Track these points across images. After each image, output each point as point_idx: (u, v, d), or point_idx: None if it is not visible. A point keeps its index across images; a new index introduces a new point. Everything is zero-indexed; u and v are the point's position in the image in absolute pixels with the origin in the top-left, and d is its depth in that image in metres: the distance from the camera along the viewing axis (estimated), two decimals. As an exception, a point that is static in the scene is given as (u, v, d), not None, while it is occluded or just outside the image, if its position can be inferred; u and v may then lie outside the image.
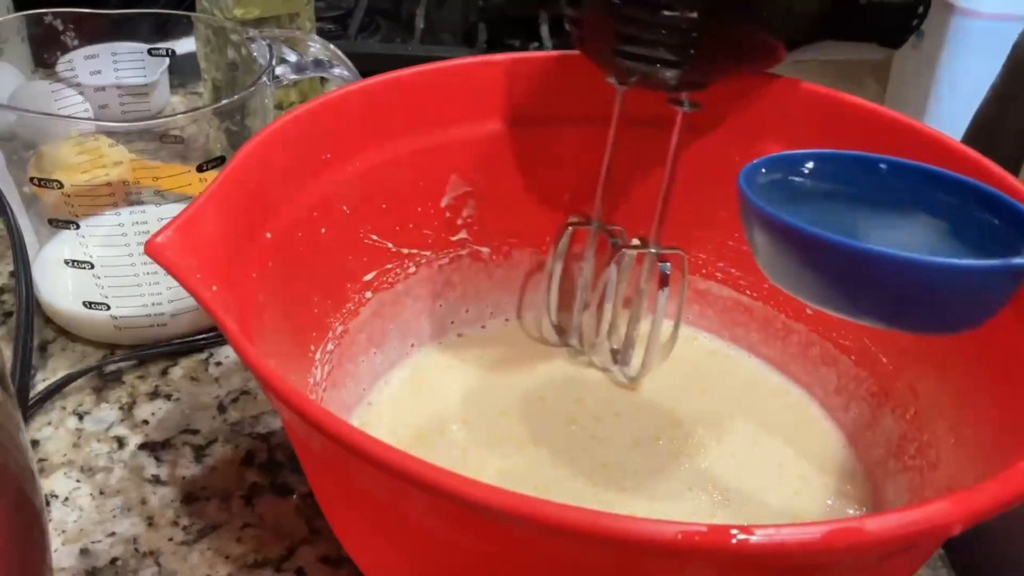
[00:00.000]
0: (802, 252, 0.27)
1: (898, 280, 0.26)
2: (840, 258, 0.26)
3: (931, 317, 0.27)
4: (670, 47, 0.37)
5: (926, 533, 0.23)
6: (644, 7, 0.36)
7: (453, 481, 0.23)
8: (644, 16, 0.36)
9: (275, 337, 0.37)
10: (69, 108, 0.55)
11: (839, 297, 0.27)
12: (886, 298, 0.27)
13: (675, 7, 0.35)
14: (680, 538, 0.22)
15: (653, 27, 0.36)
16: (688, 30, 0.36)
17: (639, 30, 0.37)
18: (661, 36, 0.36)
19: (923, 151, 0.39)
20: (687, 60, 0.37)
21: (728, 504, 0.40)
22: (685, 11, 0.35)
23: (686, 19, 0.35)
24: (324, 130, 0.41)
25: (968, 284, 0.26)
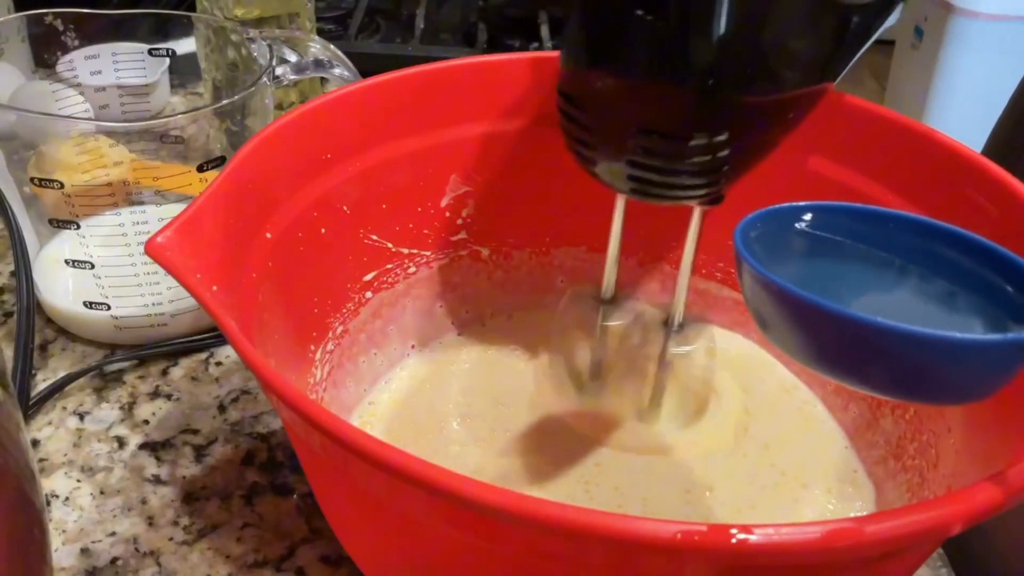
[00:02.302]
0: (798, 318, 0.26)
1: (900, 352, 0.24)
2: (838, 327, 0.25)
3: (934, 388, 0.25)
4: (696, 175, 0.32)
5: (926, 533, 0.23)
6: (665, 140, 0.31)
7: (453, 481, 0.23)
8: (666, 149, 0.31)
9: (275, 337, 0.37)
10: (69, 108, 0.55)
11: (838, 366, 0.26)
12: (888, 369, 0.25)
13: (700, 133, 0.31)
14: (679, 537, 0.22)
15: (677, 159, 0.32)
16: (718, 154, 0.31)
17: (662, 162, 0.32)
18: (686, 166, 0.32)
19: (922, 151, 0.40)
20: (717, 184, 0.33)
21: (729, 503, 0.40)
22: (713, 135, 0.31)
23: (715, 144, 0.31)
24: (324, 130, 0.41)
25: (971, 357, 0.24)
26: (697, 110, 0.31)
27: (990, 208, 0.37)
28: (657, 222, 0.48)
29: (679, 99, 0.31)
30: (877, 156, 0.41)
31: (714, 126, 0.31)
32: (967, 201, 0.37)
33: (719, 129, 0.31)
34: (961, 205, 0.38)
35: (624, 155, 0.32)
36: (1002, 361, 0.24)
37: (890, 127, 0.41)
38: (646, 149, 0.32)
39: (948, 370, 0.24)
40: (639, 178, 0.33)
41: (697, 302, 0.49)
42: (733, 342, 0.49)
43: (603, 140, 0.33)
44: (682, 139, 0.31)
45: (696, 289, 0.49)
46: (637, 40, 0.30)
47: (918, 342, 0.23)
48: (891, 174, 0.41)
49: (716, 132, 0.31)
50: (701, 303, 0.49)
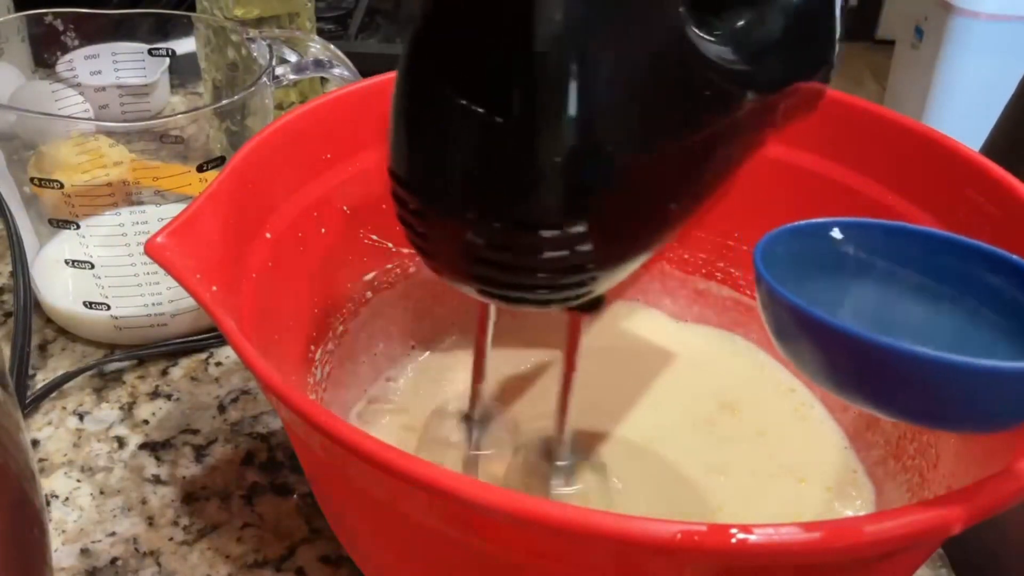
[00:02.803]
0: (817, 339, 0.25)
1: (925, 378, 0.23)
2: (858, 351, 0.24)
3: (960, 417, 0.24)
4: (554, 273, 0.27)
5: (925, 533, 0.23)
6: (510, 232, 0.25)
7: (452, 481, 0.23)
8: (513, 243, 0.26)
9: (275, 337, 0.37)
10: (69, 108, 0.55)
11: (859, 391, 0.25)
12: (913, 396, 0.24)
13: (552, 223, 0.25)
14: (680, 537, 0.22)
15: (527, 254, 0.26)
16: (576, 248, 0.26)
17: (509, 258, 0.26)
18: (539, 262, 0.26)
19: (922, 151, 0.40)
20: (583, 285, 0.28)
21: (729, 503, 0.40)
22: (568, 225, 0.25)
23: (571, 235, 0.25)
24: (324, 130, 0.41)
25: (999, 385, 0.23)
26: (544, 199, 0.25)
27: (990, 208, 0.37)
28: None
29: (522, 186, 0.25)
30: (877, 156, 0.41)
31: (567, 216, 0.26)
32: (967, 201, 0.37)
33: (573, 219, 0.26)
34: (961, 205, 0.38)
35: (464, 249, 0.27)
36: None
37: (890, 127, 0.41)
38: (489, 243, 0.26)
39: (974, 397, 0.23)
40: (482, 277, 0.27)
41: (697, 301, 0.49)
42: (733, 343, 0.49)
43: (438, 232, 0.27)
44: (531, 230, 0.26)
45: (696, 289, 0.49)
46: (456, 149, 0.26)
47: (944, 369, 0.22)
48: (891, 174, 0.41)
49: (570, 223, 0.26)
50: (701, 303, 0.49)
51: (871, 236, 0.28)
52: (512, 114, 0.24)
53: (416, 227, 0.28)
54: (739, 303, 0.48)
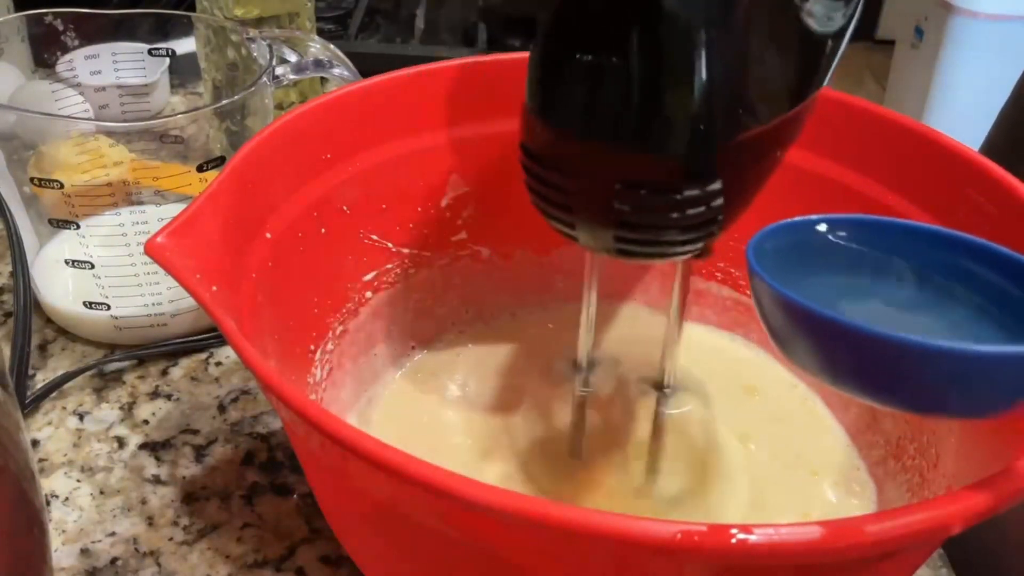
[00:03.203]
0: (814, 333, 0.25)
1: (922, 367, 0.23)
2: (855, 342, 0.24)
3: (956, 404, 0.24)
4: (689, 228, 0.29)
5: (925, 533, 0.23)
6: (654, 195, 0.28)
7: (452, 481, 0.23)
8: (656, 205, 0.28)
9: (275, 337, 0.37)
10: (69, 108, 0.55)
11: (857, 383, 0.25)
12: (911, 386, 0.24)
13: (692, 183, 0.28)
14: (680, 537, 0.22)
15: (668, 214, 0.29)
16: (712, 203, 0.29)
17: (652, 219, 0.29)
18: (678, 220, 0.29)
19: (922, 151, 0.40)
20: (711, 235, 0.30)
21: (728, 503, 0.40)
22: (705, 184, 0.28)
23: (709, 193, 0.28)
24: (324, 130, 0.41)
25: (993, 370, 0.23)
26: (688, 161, 0.28)
27: (990, 208, 0.37)
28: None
29: (667, 153, 0.28)
30: (877, 156, 0.41)
31: (707, 175, 0.28)
32: (967, 201, 0.37)
33: (712, 177, 0.28)
34: (961, 205, 0.38)
35: (607, 215, 0.29)
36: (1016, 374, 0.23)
37: (890, 127, 0.41)
38: (633, 206, 0.28)
39: (962, 383, 0.23)
40: (626, 238, 0.30)
41: (697, 302, 0.49)
42: (733, 343, 0.49)
43: (583, 201, 0.30)
44: (673, 192, 0.28)
45: (696, 289, 0.49)
46: (615, 94, 0.27)
47: (940, 356, 0.23)
48: (891, 174, 0.41)
49: (709, 181, 0.28)
50: (701, 303, 0.49)
51: (860, 231, 0.29)
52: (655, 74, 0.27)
53: (552, 198, 0.30)
54: (739, 303, 0.48)
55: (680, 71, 0.27)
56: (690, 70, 0.27)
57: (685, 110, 0.27)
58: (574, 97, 0.28)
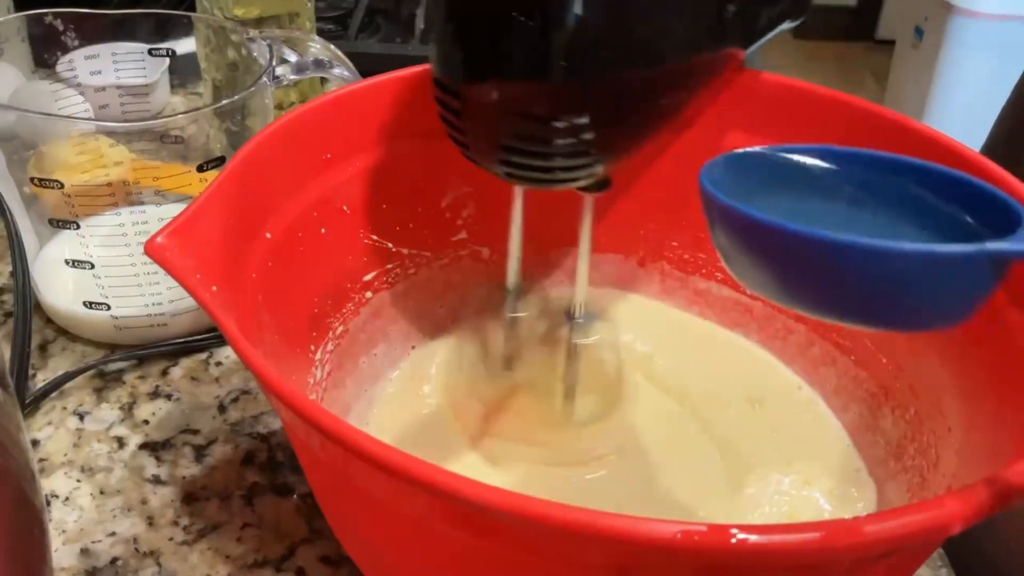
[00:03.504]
0: (760, 243, 0.26)
1: (864, 270, 0.24)
2: (800, 248, 0.25)
3: (901, 312, 0.25)
4: (565, 156, 0.32)
5: (924, 533, 0.23)
6: (528, 122, 0.31)
7: (452, 481, 0.23)
8: (531, 132, 0.32)
9: (275, 337, 0.37)
10: (69, 108, 0.55)
11: (804, 292, 0.26)
12: (853, 292, 0.25)
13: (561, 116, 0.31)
14: (679, 538, 0.22)
15: (543, 142, 0.32)
16: (581, 136, 0.32)
17: (529, 145, 0.32)
18: (553, 148, 0.32)
19: (922, 151, 0.40)
20: (592, 166, 0.33)
21: (728, 503, 0.40)
22: (571, 116, 0.31)
23: (576, 126, 0.31)
24: (324, 130, 0.41)
25: (938, 273, 0.24)
26: (550, 92, 0.31)
27: (990, 208, 0.37)
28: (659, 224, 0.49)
29: (536, 85, 0.31)
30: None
31: (571, 107, 0.31)
32: (967, 201, 0.37)
33: (577, 110, 0.31)
34: (961, 205, 0.38)
35: (493, 140, 0.33)
36: (968, 276, 0.24)
37: (890, 127, 0.41)
38: (509, 132, 0.32)
39: (915, 288, 0.24)
40: (507, 161, 0.33)
41: (697, 302, 0.49)
42: (734, 342, 0.49)
43: (473, 125, 0.33)
44: (541, 121, 0.31)
45: (696, 289, 0.49)
46: (482, 28, 0.31)
47: (884, 256, 0.23)
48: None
49: (575, 114, 0.31)
50: (702, 303, 0.49)
51: (808, 158, 0.30)
52: (522, 14, 0.29)
53: (454, 122, 0.33)
54: (739, 303, 0.48)
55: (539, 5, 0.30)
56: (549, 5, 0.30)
57: (545, 42, 0.30)
58: (449, 31, 0.32)
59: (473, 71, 0.32)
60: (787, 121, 0.43)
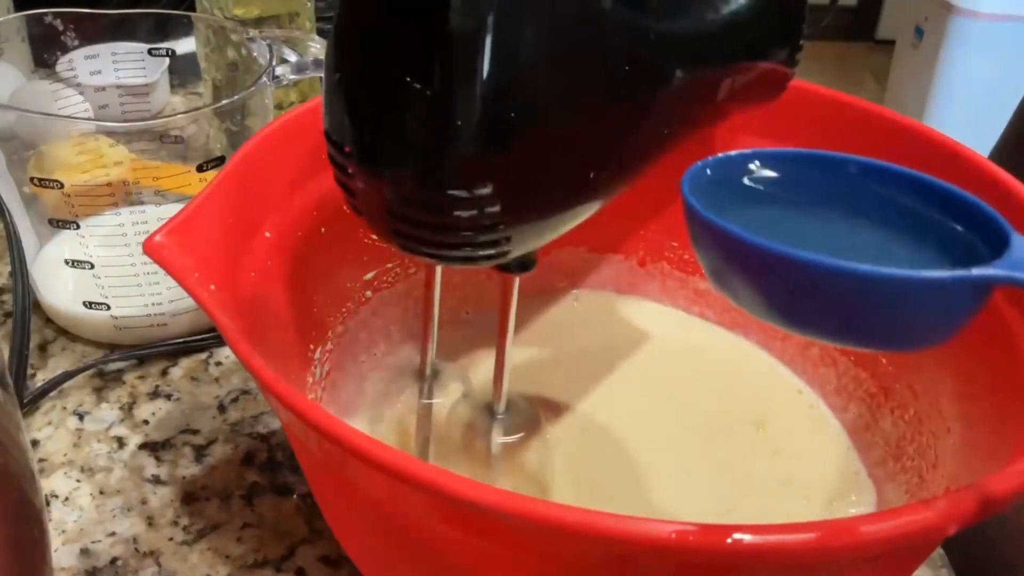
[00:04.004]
0: (740, 260, 0.25)
1: (844, 292, 0.24)
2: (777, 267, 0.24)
3: (881, 332, 0.25)
4: (466, 231, 0.28)
5: (921, 534, 0.23)
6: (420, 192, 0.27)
7: (451, 482, 0.23)
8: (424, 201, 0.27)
9: (274, 337, 0.37)
10: (69, 108, 0.55)
11: (783, 310, 0.25)
12: (832, 311, 0.24)
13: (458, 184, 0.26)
14: (675, 538, 0.22)
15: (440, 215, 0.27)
16: (485, 210, 0.27)
17: (419, 215, 0.28)
18: (449, 221, 0.27)
19: (922, 151, 0.40)
20: (499, 245, 0.28)
21: (728, 503, 0.40)
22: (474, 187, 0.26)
23: (478, 198, 0.27)
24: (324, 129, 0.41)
25: (920, 297, 0.23)
26: (424, 175, 0.27)
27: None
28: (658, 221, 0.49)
29: (399, 169, 0.27)
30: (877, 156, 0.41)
31: (471, 179, 0.27)
32: (967, 201, 0.37)
33: (478, 182, 0.27)
34: (961, 205, 0.38)
35: (380, 215, 0.29)
36: (953, 300, 0.23)
37: (890, 127, 0.41)
38: (395, 209, 0.28)
39: (895, 312, 0.24)
40: (401, 232, 0.29)
41: (698, 302, 0.49)
42: (735, 343, 0.49)
43: (364, 190, 0.29)
44: (436, 191, 0.27)
45: (696, 289, 0.49)
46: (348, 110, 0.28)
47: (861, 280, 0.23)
48: (891, 174, 0.41)
49: (476, 185, 0.27)
50: (702, 303, 0.49)
51: (796, 165, 0.29)
52: (414, 82, 0.26)
53: (348, 185, 0.29)
54: (739, 303, 0.48)
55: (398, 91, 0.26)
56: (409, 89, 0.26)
57: (405, 131, 0.27)
58: (329, 106, 0.29)
59: (359, 134, 0.28)
60: (786, 122, 0.43)
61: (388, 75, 0.26)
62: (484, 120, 0.26)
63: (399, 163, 0.27)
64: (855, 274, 0.23)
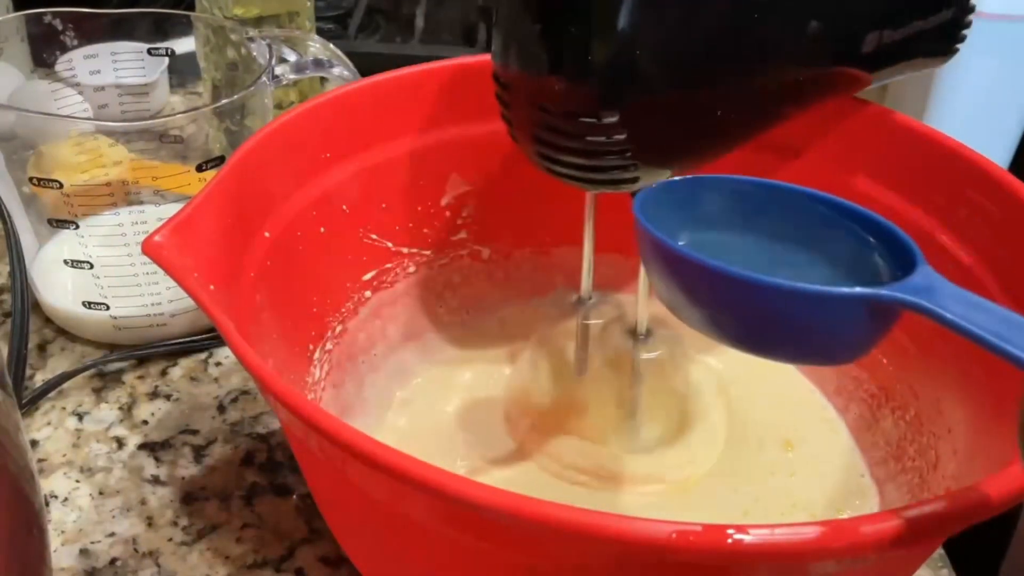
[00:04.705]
0: (671, 270, 0.28)
1: (753, 303, 0.26)
2: (696, 276, 0.27)
3: (795, 345, 0.27)
4: (594, 155, 0.32)
5: (920, 533, 0.23)
6: (556, 116, 0.31)
7: (451, 482, 0.23)
8: (557, 125, 0.32)
9: (273, 336, 0.37)
10: (69, 108, 0.55)
11: (716, 323, 0.27)
12: (753, 322, 0.26)
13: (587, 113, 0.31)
14: (675, 537, 0.22)
15: (572, 137, 0.32)
16: (612, 136, 0.31)
17: (560, 139, 0.32)
18: (582, 144, 0.32)
19: (922, 151, 0.39)
20: (626, 168, 0.32)
21: (729, 502, 0.40)
22: (600, 116, 0.31)
23: (605, 125, 0.31)
24: (324, 129, 0.41)
25: (819, 310, 0.25)
26: (579, 91, 0.31)
27: (990, 208, 0.37)
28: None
29: (561, 82, 0.31)
30: (877, 156, 0.41)
31: (599, 107, 0.31)
32: (967, 201, 0.37)
33: (605, 110, 0.30)
34: (961, 205, 0.38)
35: (529, 132, 0.33)
36: (849, 316, 0.25)
37: (890, 127, 0.41)
38: (542, 124, 0.32)
39: (800, 324, 0.25)
40: (542, 154, 0.33)
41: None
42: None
43: (515, 116, 0.34)
44: (570, 117, 0.31)
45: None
46: (522, 28, 0.31)
47: (765, 291, 0.25)
48: (891, 174, 0.41)
49: (603, 113, 0.31)
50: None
51: (738, 191, 0.31)
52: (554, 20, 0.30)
53: (507, 116, 0.34)
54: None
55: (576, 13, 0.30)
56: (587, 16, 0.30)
57: (574, 47, 0.30)
58: (499, 29, 0.33)
59: (512, 61, 0.32)
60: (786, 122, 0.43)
61: (536, 14, 0.31)
62: (610, 56, 0.30)
63: (541, 93, 0.31)
64: (760, 284, 0.25)
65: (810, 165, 0.43)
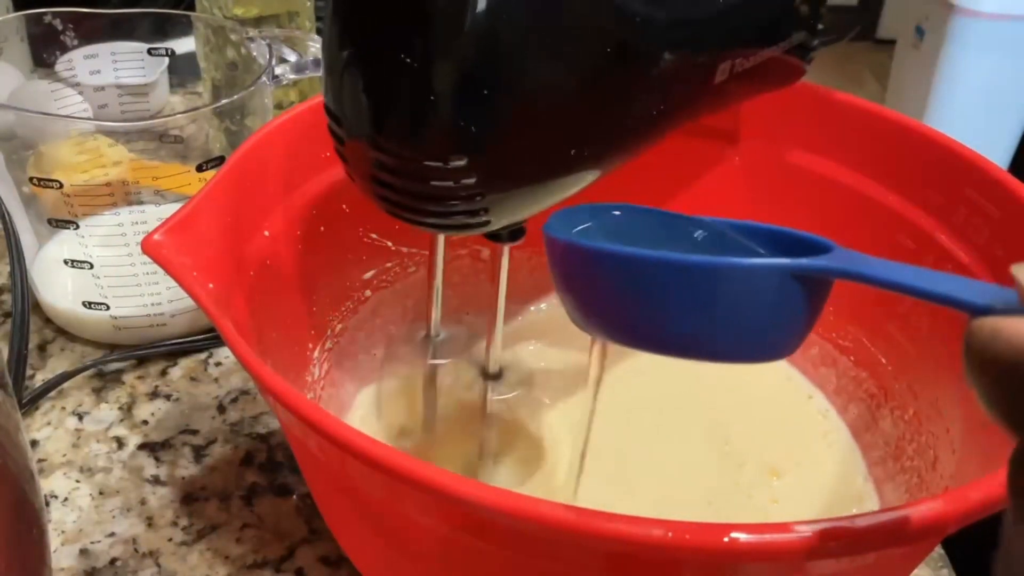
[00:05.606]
0: (590, 273, 0.27)
1: (683, 288, 0.24)
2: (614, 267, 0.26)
3: (728, 334, 0.25)
4: (440, 200, 0.29)
5: (918, 532, 0.23)
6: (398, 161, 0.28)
7: (449, 481, 0.23)
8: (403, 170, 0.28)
9: (272, 335, 0.37)
10: (69, 108, 0.55)
11: (631, 321, 0.26)
12: (677, 315, 0.25)
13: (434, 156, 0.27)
14: (670, 537, 0.22)
15: (419, 184, 0.28)
16: (461, 181, 0.28)
17: (396, 180, 0.29)
18: (426, 188, 0.28)
19: (922, 151, 0.40)
20: (476, 214, 0.29)
21: (727, 503, 0.40)
22: (460, 178, 0.27)
23: (453, 170, 0.27)
24: (323, 129, 0.40)
25: (744, 287, 0.24)
26: (424, 133, 0.28)
27: (990, 208, 0.37)
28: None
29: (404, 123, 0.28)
30: (878, 156, 0.41)
31: (447, 150, 0.27)
32: (967, 201, 0.37)
33: (452, 155, 0.27)
34: (961, 205, 0.38)
35: (370, 173, 0.30)
36: (775, 292, 0.24)
37: (890, 127, 0.41)
38: (380, 163, 0.29)
39: (732, 303, 0.24)
40: (386, 198, 0.30)
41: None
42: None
43: (353, 157, 0.30)
44: (413, 160, 0.28)
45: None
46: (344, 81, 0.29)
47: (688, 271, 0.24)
48: (892, 174, 0.41)
49: (450, 158, 0.27)
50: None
51: (634, 216, 0.30)
52: (394, 57, 0.27)
53: (342, 152, 0.31)
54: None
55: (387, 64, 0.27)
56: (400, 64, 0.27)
57: (386, 103, 0.28)
58: (326, 80, 0.30)
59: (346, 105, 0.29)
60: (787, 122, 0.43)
61: (372, 51, 0.27)
62: (458, 96, 0.26)
63: (380, 133, 0.28)
64: (690, 264, 0.24)
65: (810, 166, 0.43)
